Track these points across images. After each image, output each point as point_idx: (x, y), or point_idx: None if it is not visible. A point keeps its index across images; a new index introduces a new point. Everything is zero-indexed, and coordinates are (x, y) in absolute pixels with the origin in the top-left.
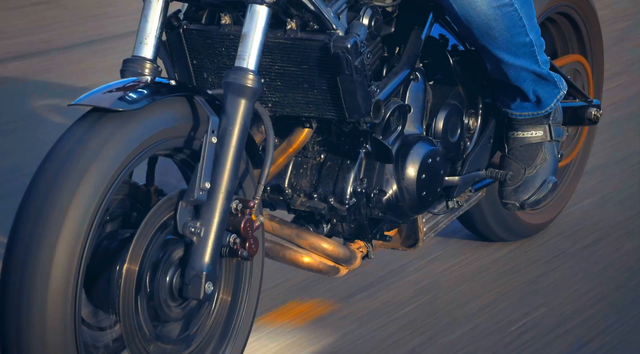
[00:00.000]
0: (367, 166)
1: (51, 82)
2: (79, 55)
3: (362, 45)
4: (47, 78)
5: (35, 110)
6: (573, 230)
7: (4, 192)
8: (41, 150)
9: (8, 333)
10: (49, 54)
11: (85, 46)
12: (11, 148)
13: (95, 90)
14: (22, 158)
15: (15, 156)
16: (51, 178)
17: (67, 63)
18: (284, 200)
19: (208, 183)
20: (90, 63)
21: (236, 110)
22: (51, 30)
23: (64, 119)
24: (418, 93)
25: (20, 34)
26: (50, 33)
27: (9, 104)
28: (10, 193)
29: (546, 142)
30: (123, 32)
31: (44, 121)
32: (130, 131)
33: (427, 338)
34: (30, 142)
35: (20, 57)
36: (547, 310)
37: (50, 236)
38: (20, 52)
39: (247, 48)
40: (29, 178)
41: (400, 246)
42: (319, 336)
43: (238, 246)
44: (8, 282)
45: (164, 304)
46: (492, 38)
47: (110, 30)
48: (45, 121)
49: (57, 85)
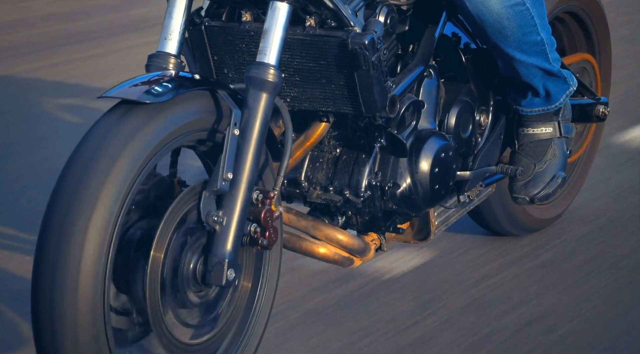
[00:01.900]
0: (382, 160)
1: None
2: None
3: (379, 41)
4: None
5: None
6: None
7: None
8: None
9: (41, 317)
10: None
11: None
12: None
13: (123, 84)
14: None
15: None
16: (82, 168)
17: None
18: (300, 192)
19: (230, 173)
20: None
21: (257, 103)
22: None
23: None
24: (431, 90)
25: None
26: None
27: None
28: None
29: (556, 138)
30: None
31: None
32: (158, 123)
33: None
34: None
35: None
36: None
37: (81, 224)
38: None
39: (268, 44)
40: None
41: (412, 239)
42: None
43: (258, 235)
44: (41, 268)
45: (187, 290)
46: (504, 36)
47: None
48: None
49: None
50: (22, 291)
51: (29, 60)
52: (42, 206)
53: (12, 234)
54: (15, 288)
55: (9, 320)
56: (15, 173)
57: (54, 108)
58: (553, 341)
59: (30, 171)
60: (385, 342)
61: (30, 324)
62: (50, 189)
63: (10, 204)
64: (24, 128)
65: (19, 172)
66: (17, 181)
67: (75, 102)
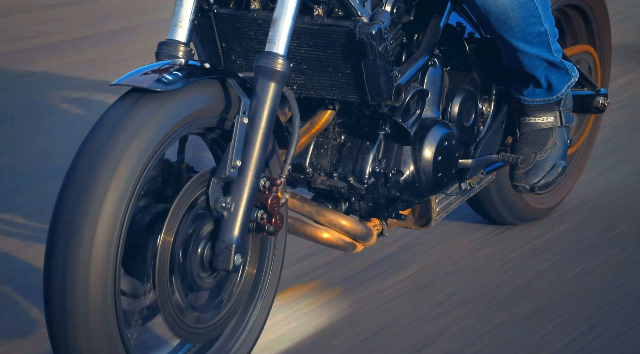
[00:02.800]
0: (386, 147)
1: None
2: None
3: (386, 31)
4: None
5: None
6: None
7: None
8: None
9: (53, 300)
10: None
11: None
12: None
13: (133, 72)
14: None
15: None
16: (95, 154)
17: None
18: (304, 178)
19: (239, 161)
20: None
21: (266, 92)
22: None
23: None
24: (436, 79)
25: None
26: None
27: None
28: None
29: (557, 128)
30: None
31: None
32: (168, 110)
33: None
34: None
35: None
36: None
37: (93, 209)
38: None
39: (277, 33)
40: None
41: (413, 225)
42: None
43: (265, 221)
44: (53, 253)
45: (195, 274)
46: (508, 27)
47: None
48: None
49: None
50: (37, 282)
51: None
52: (52, 195)
53: (22, 223)
54: (29, 279)
55: (24, 309)
56: (26, 162)
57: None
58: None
59: (41, 159)
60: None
61: (42, 311)
62: (60, 177)
63: (21, 193)
64: (33, 115)
65: (29, 160)
66: (28, 170)
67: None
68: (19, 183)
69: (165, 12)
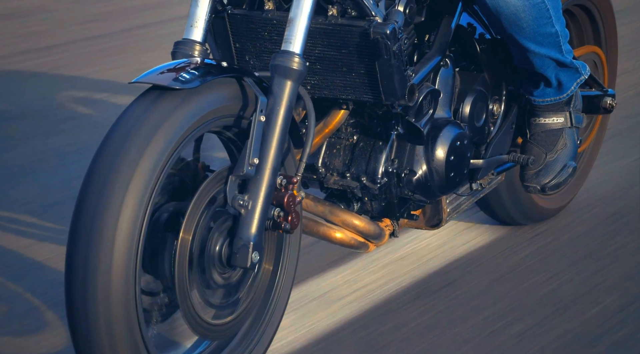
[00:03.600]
0: (398, 147)
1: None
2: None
3: (399, 31)
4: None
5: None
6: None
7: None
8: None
9: (75, 301)
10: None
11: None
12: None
13: (152, 70)
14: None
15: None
16: (114, 154)
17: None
18: (317, 178)
19: (256, 158)
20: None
21: (282, 91)
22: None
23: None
24: (447, 79)
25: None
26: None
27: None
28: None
29: (567, 128)
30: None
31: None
32: (187, 109)
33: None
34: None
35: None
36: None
37: (113, 208)
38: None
39: (293, 32)
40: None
41: (424, 226)
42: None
43: (281, 219)
44: (74, 253)
45: (213, 272)
46: (519, 28)
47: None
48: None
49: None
50: (54, 281)
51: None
52: (67, 194)
53: (38, 223)
54: (47, 278)
55: (36, 307)
56: (41, 163)
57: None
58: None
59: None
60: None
61: (50, 311)
62: (74, 176)
63: (35, 194)
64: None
65: (44, 161)
66: (43, 170)
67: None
68: (31, 181)
69: (166, 13)
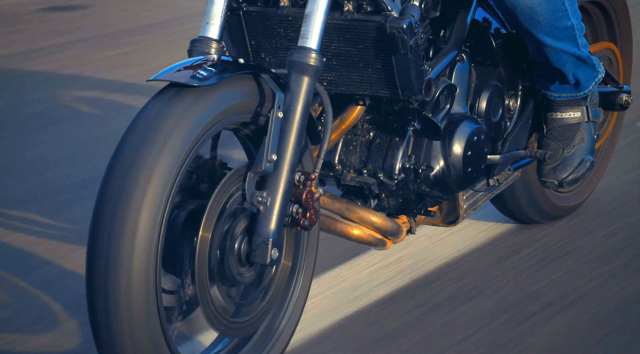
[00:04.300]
0: (415, 143)
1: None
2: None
3: (416, 26)
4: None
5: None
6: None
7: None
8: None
9: (96, 300)
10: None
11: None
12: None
13: (169, 68)
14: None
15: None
16: (133, 153)
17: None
18: (334, 175)
19: (275, 155)
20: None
21: (300, 87)
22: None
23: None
24: (464, 74)
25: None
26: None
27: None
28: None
29: (584, 123)
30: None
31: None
32: (205, 106)
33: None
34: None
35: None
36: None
37: (133, 207)
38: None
39: (309, 28)
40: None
41: (440, 222)
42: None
43: (300, 216)
44: (95, 253)
45: (233, 269)
46: (535, 22)
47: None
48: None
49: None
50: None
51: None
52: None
53: (46, 222)
54: (53, 275)
55: (47, 305)
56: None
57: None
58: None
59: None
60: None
61: (62, 305)
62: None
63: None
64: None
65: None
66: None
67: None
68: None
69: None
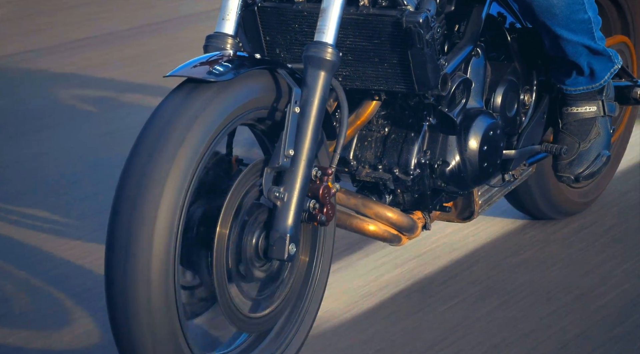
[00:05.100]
0: (431, 138)
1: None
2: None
3: (432, 20)
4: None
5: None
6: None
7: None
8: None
9: (115, 298)
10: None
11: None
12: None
13: (186, 64)
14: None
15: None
16: (151, 150)
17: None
18: (349, 171)
19: (292, 150)
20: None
21: (316, 82)
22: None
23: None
24: (479, 69)
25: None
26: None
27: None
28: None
29: (600, 117)
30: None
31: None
32: (222, 101)
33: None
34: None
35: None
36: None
37: (151, 205)
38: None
39: (326, 22)
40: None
41: (455, 218)
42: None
43: (317, 211)
44: (113, 251)
45: (250, 265)
46: (552, 15)
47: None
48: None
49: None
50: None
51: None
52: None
53: (56, 219)
54: (60, 272)
55: (60, 301)
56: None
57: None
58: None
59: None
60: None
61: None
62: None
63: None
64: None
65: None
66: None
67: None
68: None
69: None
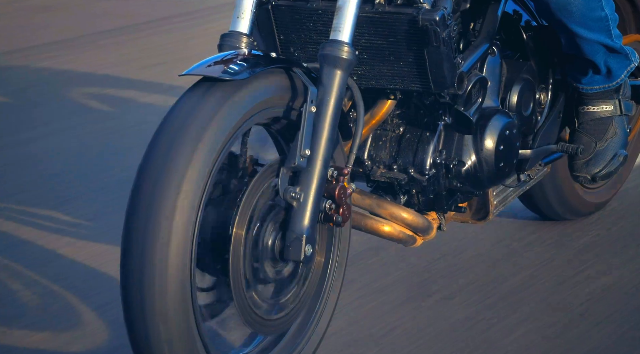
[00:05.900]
0: (446, 137)
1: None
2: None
3: (448, 18)
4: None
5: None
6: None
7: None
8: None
9: (131, 299)
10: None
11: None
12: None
13: (201, 63)
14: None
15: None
16: (167, 147)
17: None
18: (363, 171)
19: (308, 150)
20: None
21: (332, 81)
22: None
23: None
24: (495, 67)
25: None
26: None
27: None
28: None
29: (616, 116)
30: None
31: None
32: (238, 101)
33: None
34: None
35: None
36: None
37: (168, 206)
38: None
39: (341, 20)
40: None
41: (470, 219)
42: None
43: (333, 211)
44: (129, 253)
45: (266, 266)
46: (569, 12)
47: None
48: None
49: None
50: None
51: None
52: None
53: (63, 219)
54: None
55: (72, 304)
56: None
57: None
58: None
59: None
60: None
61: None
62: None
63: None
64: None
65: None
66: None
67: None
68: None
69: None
